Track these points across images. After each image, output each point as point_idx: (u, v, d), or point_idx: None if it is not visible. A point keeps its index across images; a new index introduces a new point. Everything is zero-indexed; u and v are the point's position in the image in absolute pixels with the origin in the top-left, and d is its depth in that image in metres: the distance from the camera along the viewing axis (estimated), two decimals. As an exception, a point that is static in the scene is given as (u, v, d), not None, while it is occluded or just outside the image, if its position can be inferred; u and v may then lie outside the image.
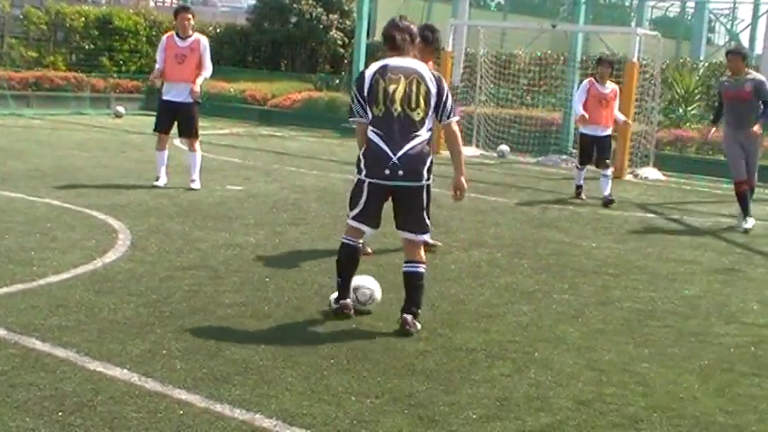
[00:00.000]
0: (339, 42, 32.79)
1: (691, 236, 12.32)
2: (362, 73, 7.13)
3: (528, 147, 22.13)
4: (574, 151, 21.10)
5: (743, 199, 12.78)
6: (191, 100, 13.43)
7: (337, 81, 30.51)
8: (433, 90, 6.96)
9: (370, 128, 6.94)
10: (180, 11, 13.80)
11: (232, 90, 28.58)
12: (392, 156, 6.85)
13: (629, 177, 18.92)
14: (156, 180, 13.60)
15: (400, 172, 6.86)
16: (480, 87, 22.85)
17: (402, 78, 6.90)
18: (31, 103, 26.27)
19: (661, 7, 47.30)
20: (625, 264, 10.08)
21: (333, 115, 25.78)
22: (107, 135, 21.31)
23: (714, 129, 13.51)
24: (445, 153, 17.92)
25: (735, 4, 48.04)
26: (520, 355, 6.54)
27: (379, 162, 6.88)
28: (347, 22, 32.65)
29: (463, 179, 7.25)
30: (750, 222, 12.72)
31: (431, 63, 8.80)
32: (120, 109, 26.52)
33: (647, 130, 20.33)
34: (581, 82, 17.24)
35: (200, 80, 13.41)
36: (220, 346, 6.26)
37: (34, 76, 27.17)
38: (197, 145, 13.69)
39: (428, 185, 7.13)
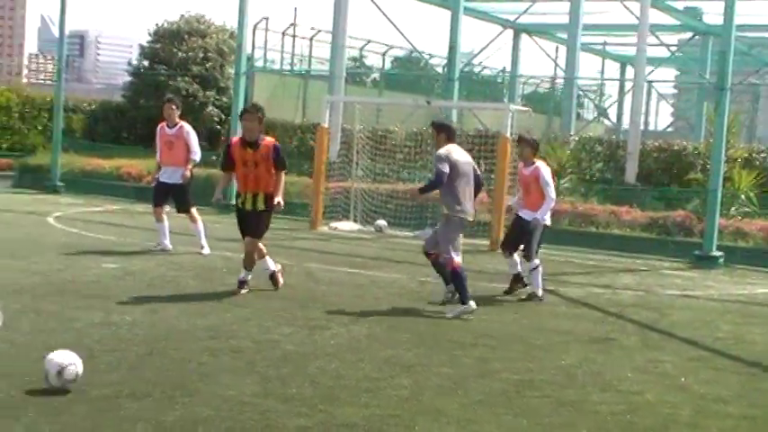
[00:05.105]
0: (216, 119, 32.73)
1: (566, 306, 12.56)
2: None
3: (405, 221, 22.30)
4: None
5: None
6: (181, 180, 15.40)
7: (214, 157, 30.37)
8: None
9: None
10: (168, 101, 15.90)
11: (107, 167, 28.20)
12: None
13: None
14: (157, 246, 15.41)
15: None
16: (357, 163, 23.02)
17: None
18: None
19: (532, 84, 48.56)
20: (503, 335, 10.20)
21: (210, 192, 25.60)
22: (-23, 213, 20.79)
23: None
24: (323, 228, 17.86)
25: (602, 81, 49.64)
26: (401, 429, 6.54)
27: None
28: (224, 99, 32.63)
29: None
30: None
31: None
32: (-9, 187, 25.94)
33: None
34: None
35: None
36: (96, 429, 6.12)
37: None
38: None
39: None
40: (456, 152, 11.84)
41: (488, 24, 38.58)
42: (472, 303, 11.28)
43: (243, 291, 11.77)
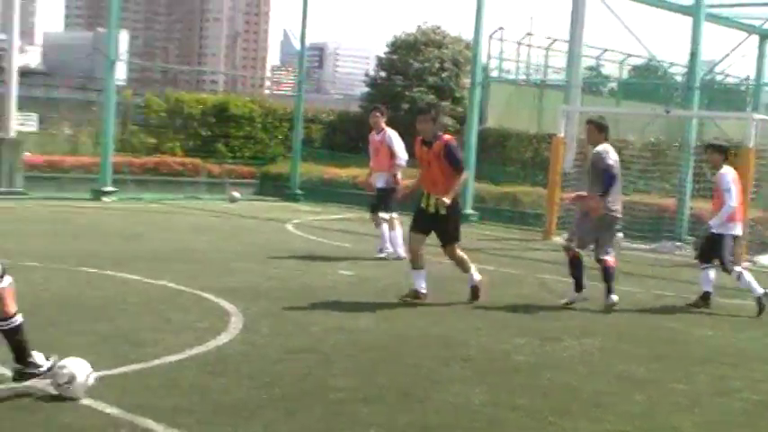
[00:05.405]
0: (451, 128, 32.99)
1: (812, 325, 11.96)
2: None
3: (641, 233, 21.78)
4: (689, 239, 20.71)
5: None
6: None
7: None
8: None
9: None
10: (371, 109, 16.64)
11: (344, 176, 28.87)
12: None
13: (746, 265, 18.48)
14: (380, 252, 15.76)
15: None
16: (592, 173, 22.65)
17: None
18: (150, 187, 26.87)
19: (777, 92, 46.59)
20: (743, 353, 9.82)
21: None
22: (221, 219, 21.70)
23: None
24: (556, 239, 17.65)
25: None
26: (634, 445, 6.40)
27: None
28: (459, 109, 32.87)
29: None
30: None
31: None
32: (236, 194, 26.89)
33: (764, 216, 19.87)
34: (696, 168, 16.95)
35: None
36: (330, 431, 6.26)
37: (153, 161, 27.92)
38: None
39: None
40: (613, 152, 12.08)
41: (731, 31, 37.25)
42: (613, 297, 11.94)
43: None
